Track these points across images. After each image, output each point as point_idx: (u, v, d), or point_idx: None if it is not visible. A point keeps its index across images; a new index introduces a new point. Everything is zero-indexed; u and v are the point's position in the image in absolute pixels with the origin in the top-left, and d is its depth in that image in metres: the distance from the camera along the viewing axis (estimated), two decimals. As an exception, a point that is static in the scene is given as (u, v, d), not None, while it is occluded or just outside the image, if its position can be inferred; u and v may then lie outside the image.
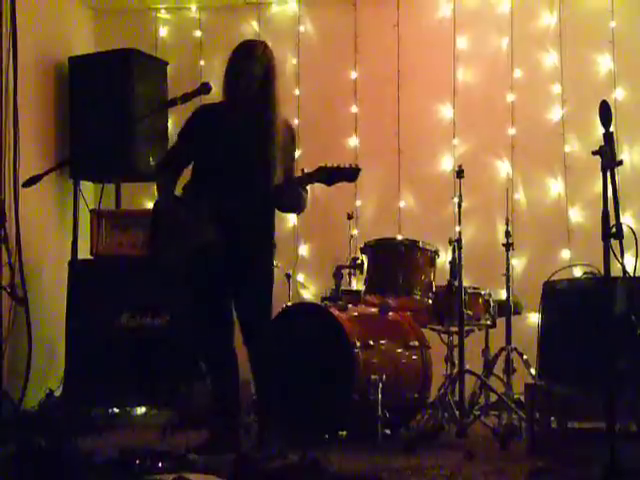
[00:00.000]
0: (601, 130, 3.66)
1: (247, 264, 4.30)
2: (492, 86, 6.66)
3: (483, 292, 5.35)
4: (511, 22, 6.63)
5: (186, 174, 4.49)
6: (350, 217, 5.83)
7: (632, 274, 3.70)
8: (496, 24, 6.67)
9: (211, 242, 4.23)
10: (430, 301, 5.17)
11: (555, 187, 6.50)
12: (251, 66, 4.29)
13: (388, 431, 4.81)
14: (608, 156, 3.62)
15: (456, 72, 6.68)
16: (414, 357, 5.30)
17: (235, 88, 4.30)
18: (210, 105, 4.50)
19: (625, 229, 3.58)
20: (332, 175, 4.09)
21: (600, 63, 6.47)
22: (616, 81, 6.43)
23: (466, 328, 5.16)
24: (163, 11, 7.07)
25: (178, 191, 4.45)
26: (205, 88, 4.36)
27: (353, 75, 6.82)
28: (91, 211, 5.91)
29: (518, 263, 6.35)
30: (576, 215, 6.42)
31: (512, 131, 6.57)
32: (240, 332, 4.38)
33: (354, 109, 6.80)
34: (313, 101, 6.82)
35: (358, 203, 6.68)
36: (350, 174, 4.10)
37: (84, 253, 5.91)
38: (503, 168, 6.56)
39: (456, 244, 5.13)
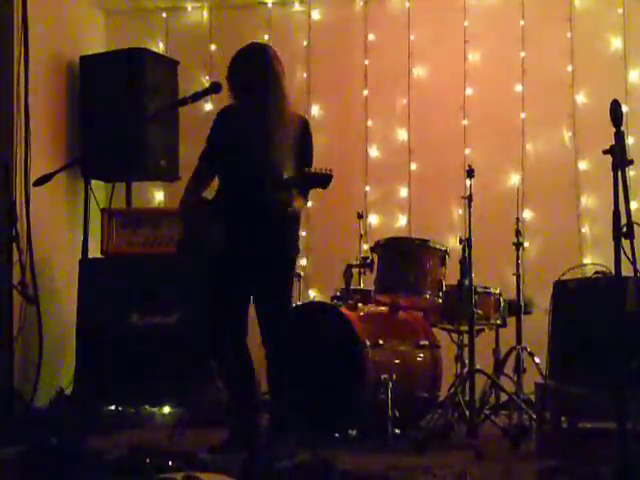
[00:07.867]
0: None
1: (263, 265, 4.29)
2: (502, 101, 6.66)
3: (494, 291, 5.35)
4: (522, 36, 6.62)
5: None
6: (360, 216, 5.82)
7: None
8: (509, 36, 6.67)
9: (217, 243, 4.28)
10: (440, 300, 5.17)
11: (567, 200, 6.49)
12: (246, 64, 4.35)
13: (398, 430, 4.80)
14: (619, 155, 3.60)
15: (466, 85, 6.69)
16: (424, 356, 5.30)
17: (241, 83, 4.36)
18: (227, 107, 4.51)
19: (637, 229, 3.57)
20: (310, 180, 4.05)
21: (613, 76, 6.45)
22: (628, 93, 6.41)
23: (476, 327, 5.15)
24: (174, 11, 7.07)
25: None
26: (216, 87, 4.39)
27: (364, 91, 6.83)
28: (102, 210, 5.92)
29: (529, 262, 6.34)
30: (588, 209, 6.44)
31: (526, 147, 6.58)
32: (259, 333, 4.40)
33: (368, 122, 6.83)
34: (325, 114, 6.84)
35: (369, 201, 6.68)
36: (324, 180, 4.02)
37: (95, 252, 5.92)
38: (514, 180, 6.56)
39: (466, 243, 5.13)
